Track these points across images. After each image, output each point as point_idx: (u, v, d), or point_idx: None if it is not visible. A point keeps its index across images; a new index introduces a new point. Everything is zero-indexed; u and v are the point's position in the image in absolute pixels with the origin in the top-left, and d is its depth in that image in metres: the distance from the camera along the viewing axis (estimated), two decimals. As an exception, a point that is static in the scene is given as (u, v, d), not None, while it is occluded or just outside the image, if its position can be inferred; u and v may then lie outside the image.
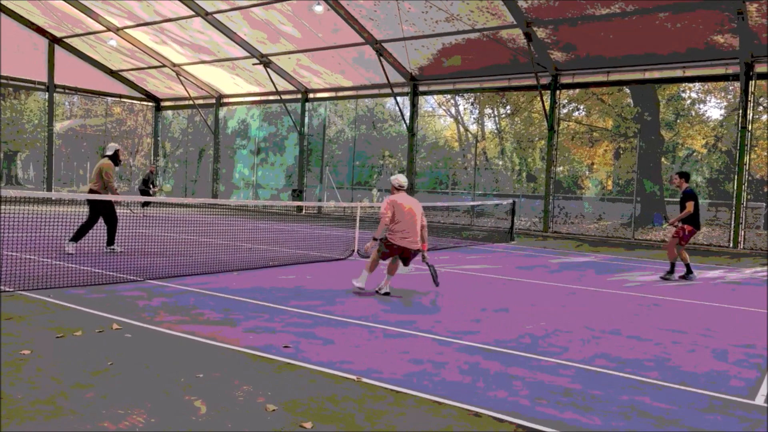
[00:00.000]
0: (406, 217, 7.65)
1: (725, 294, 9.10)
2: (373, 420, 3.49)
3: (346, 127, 29.13)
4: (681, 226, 10.09)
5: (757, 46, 15.46)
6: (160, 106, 31.11)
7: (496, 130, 29.19)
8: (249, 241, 13.17)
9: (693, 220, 10.04)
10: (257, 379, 4.10)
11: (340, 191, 25.91)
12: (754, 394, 4.28)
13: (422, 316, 6.47)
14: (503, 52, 18.68)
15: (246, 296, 7.01)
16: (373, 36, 19.64)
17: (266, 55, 22.71)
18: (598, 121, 24.58)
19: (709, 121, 23.16)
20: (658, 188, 21.88)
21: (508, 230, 17.39)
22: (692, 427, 3.61)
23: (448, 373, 4.43)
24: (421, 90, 22.26)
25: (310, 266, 9.87)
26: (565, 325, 6.37)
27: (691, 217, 10.00)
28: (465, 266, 10.82)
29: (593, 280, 9.92)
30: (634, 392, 4.21)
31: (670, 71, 17.59)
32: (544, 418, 3.63)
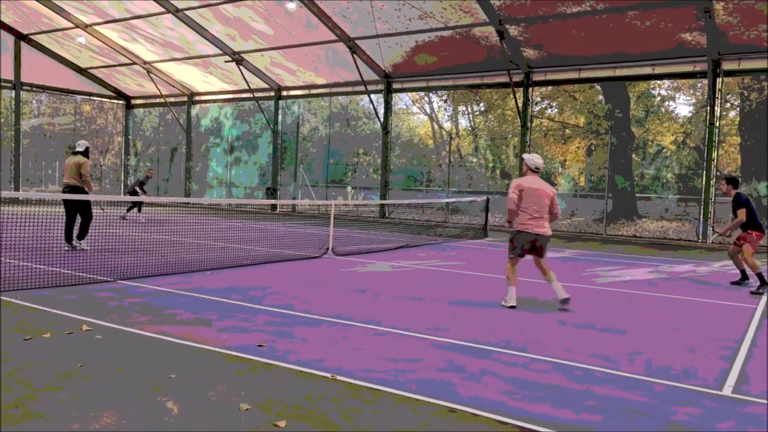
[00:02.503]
0: (533, 200, 6.96)
1: (695, 288, 9.27)
2: (349, 418, 3.47)
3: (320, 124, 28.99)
4: (747, 233, 9.18)
5: (724, 44, 15.78)
6: (130, 104, 30.62)
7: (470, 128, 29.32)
8: (222, 240, 13.04)
9: (753, 224, 9.19)
10: (231, 379, 4.05)
11: (314, 189, 25.80)
12: (722, 385, 4.36)
13: (398, 313, 6.47)
14: (476, 49, 18.77)
15: (220, 296, 6.94)
16: (347, 33, 19.58)
17: (238, 52, 22.50)
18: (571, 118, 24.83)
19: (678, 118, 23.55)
20: (629, 184, 22.18)
21: (483, 227, 17.49)
22: (665, 418, 3.66)
23: (424, 370, 4.43)
24: (394, 88, 22.26)
25: (284, 265, 9.80)
26: (539, 320, 6.42)
27: (750, 223, 9.16)
28: (440, 263, 10.86)
29: (566, 275, 10.02)
30: (608, 386, 4.25)
31: (640, 69, 17.86)
32: (519, 413, 3.65)
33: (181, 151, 29.54)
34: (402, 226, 19.76)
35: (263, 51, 22.18)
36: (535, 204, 6.95)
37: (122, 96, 30.06)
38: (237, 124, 28.26)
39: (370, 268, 9.82)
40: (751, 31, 15.08)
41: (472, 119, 29.40)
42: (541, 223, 7.00)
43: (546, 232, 7.06)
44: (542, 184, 7.10)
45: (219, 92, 27.02)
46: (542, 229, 7.02)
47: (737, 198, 9.34)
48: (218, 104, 28.20)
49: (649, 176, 22.89)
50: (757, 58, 16.00)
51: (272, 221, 20.03)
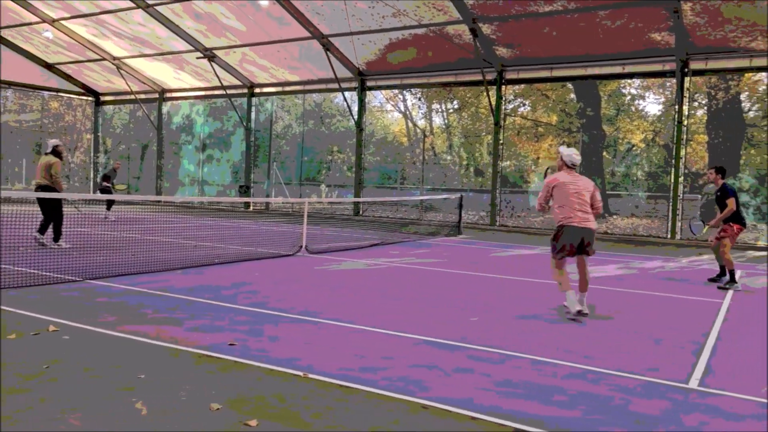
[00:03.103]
0: (571, 194, 6.40)
1: (664, 283, 9.43)
2: (321, 416, 3.46)
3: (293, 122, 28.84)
4: (729, 225, 9.05)
5: (691, 44, 16.07)
6: (99, 101, 30.07)
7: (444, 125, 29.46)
8: (194, 238, 12.89)
9: (738, 218, 9.07)
10: (202, 379, 4.01)
11: (288, 187, 25.65)
12: (689, 378, 4.45)
13: (371, 311, 6.46)
14: (450, 47, 18.83)
15: (191, 295, 6.85)
16: (320, 30, 19.49)
17: (210, 48, 22.24)
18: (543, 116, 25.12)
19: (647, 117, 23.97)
20: (600, 182, 22.50)
21: (456, 224, 17.58)
22: (633, 412, 3.72)
23: (397, 368, 4.43)
24: (368, 85, 22.23)
25: (257, 263, 9.73)
26: (511, 316, 6.47)
27: (735, 215, 9.00)
28: (413, 260, 10.88)
29: (540, 272, 10.13)
30: (579, 380, 4.31)
31: (611, 68, 18.11)
32: (490, 408, 3.67)
33: (152, 149, 29.12)
34: (376, 223, 19.77)
35: (236, 47, 21.97)
36: (575, 197, 6.39)
37: (91, 92, 29.50)
38: (209, 121, 27.96)
39: (344, 266, 9.80)
40: (718, 31, 15.39)
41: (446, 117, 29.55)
42: (587, 217, 6.42)
43: (592, 225, 6.47)
44: (580, 178, 6.54)
45: (191, 89, 26.68)
46: (588, 223, 6.43)
47: (725, 188, 9.13)
48: (190, 101, 27.86)
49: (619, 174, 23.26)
50: (723, 58, 16.33)
51: (245, 219, 19.87)
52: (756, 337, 5.96)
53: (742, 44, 15.65)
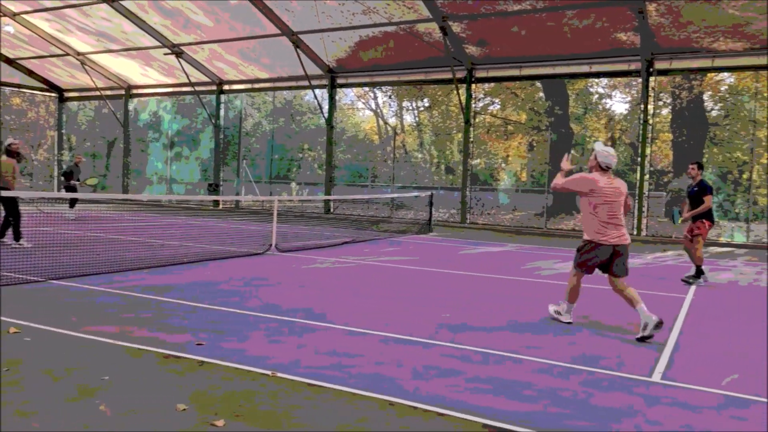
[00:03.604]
0: (607, 202, 5.70)
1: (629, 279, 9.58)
2: (289, 414, 3.44)
3: (263, 119, 28.60)
4: (702, 222, 9.13)
5: (656, 44, 16.38)
6: (63, 97, 29.40)
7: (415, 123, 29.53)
8: (162, 237, 12.70)
9: (710, 214, 9.22)
10: (168, 379, 3.95)
11: (258, 185, 25.44)
12: (652, 372, 4.54)
13: (341, 308, 6.45)
14: (420, 45, 18.88)
15: (158, 294, 6.75)
16: (290, 27, 19.35)
17: (178, 44, 21.92)
18: (513, 115, 25.34)
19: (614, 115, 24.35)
20: (568, 179, 22.78)
21: (427, 222, 17.65)
22: (598, 406, 3.78)
23: (366, 365, 4.43)
24: (339, 83, 22.16)
25: (226, 262, 9.63)
26: (480, 313, 6.52)
27: (708, 212, 9.13)
28: (384, 258, 10.89)
29: (508, 268, 10.23)
30: (545, 376, 4.36)
31: (578, 67, 18.36)
32: (456, 404, 3.70)
33: (119, 146, 28.60)
34: (347, 221, 19.73)
35: (204, 44, 21.68)
36: (611, 207, 5.69)
37: (55, 88, 28.82)
38: (177, 118, 27.55)
39: (314, 264, 9.76)
40: (681, 32, 15.71)
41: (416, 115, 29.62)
42: (622, 231, 5.76)
43: (625, 239, 5.79)
44: (615, 182, 5.83)
45: (158, 85, 26.25)
46: (623, 238, 5.76)
47: (704, 184, 9.19)
48: (157, 98, 27.42)
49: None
50: (687, 59, 16.69)
51: (214, 218, 19.65)
52: (718, 331, 6.11)
53: (704, 45, 16.01)
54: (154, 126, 28.02)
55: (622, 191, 5.82)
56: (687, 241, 9.44)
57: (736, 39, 15.53)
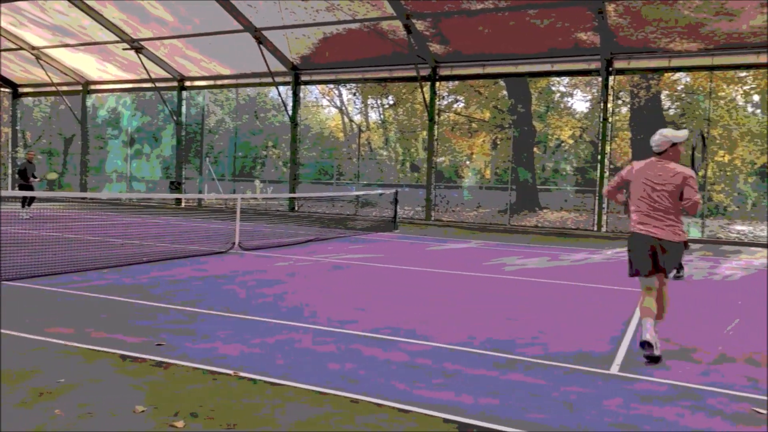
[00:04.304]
0: (638, 190, 5.00)
1: (589, 274, 9.79)
2: (251, 414, 3.40)
3: (226, 116, 28.24)
4: None
5: (616, 44, 16.71)
6: (17, 93, 28.50)
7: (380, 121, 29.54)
8: (122, 236, 12.44)
9: None
10: (126, 381, 3.87)
11: (221, 183, 25.12)
12: (610, 364, 4.63)
13: (304, 306, 6.41)
14: (384, 43, 18.89)
15: (117, 294, 6.61)
16: (252, 23, 19.14)
17: (138, 39, 21.47)
18: (476, 113, 25.55)
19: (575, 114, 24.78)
20: (530, 176, 23.13)
21: (392, 219, 17.68)
22: (558, 399, 3.84)
23: (329, 363, 4.41)
24: (303, 80, 22.02)
25: (188, 260, 9.48)
26: (444, 309, 6.56)
27: None
28: (348, 255, 10.88)
29: (472, 265, 10.32)
30: (507, 370, 4.41)
31: (540, 65, 18.61)
32: (420, 400, 3.71)
33: (77, 143, 27.88)
34: (312, 219, 19.64)
35: (164, 39, 21.29)
36: (645, 191, 4.95)
37: (8, 83, 27.92)
38: (137, 115, 26.99)
39: (278, 262, 9.68)
40: (639, 32, 16.06)
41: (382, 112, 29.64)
42: (653, 221, 4.90)
43: (659, 232, 4.86)
44: (661, 167, 4.94)
45: (117, 81, 25.65)
46: (654, 230, 4.89)
47: None
48: (116, 94, 26.81)
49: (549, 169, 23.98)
50: (644, 58, 17.08)
51: (176, 216, 19.33)
52: (675, 324, 6.26)
53: (661, 45, 16.40)
54: (113, 123, 27.40)
55: (668, 179, 4.85)
56: None
57: (691, 40, 15.95)
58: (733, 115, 20.36)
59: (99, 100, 27.32)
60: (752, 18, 14.66)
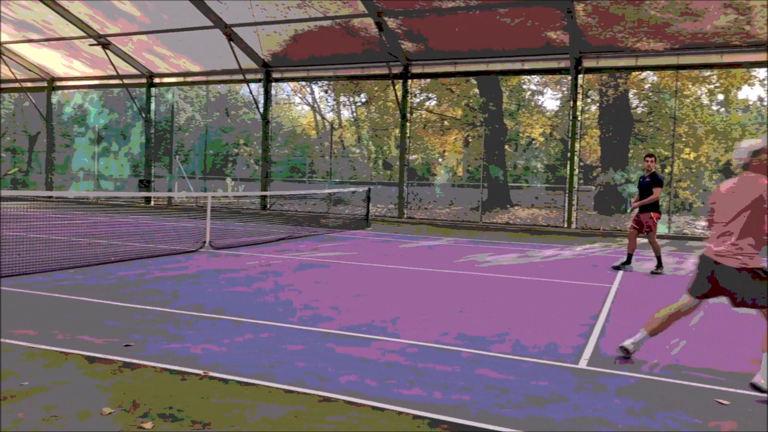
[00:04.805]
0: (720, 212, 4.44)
1: (559, 270, 9.92)
2: (221, 414, 3.38)
3: (197, 114, 27.90)
4: (650, 216, 9.55)
5: (585, 43, 16.94)
6: (-20, 89, 27.79)
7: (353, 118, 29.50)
8: (89, 236, 12.21)
9: (657, 206, 9.70)
10: (93, 382, 3.81)
11: (192, 181, 24.82)
12: (579, 359, 4.71)
13: (276, 305, 6.38)
14: (356, 40, 18.85)
15: (84, 295, 6.49)
16: (222, 19, 18.93)
17: (105, 35, 21.08)
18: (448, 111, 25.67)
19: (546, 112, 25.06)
20: (502, 174, 23.33)
21: (365, 217, 17.68)
22: (527, 393, 3.89)
23: (301, 362, 4.40)
24: (274, 77, 21.87)
25: (157, 260, 9.35)
26: (416, 306, 6.59)
27: (656, 204, 9.63)
28: (321, 254, 10.85)
29: (444, 262, 10.37)
30: (477, 366, 4.45)
31: (511, 64, 18.77)
32: (392, 397, 3.73)
33: (42, 140, 27.26)
34: (284, 217, 19.53)
35: (132, 35, 20.94)
36: (719, 212, 4.46)
37: (-30, 80, 27.20)
38: (104, 112, 26.50)
39: (249, 261, 9.61)
40: (607, 32, 16.31)
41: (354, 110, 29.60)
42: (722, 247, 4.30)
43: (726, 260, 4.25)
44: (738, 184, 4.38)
45: (83, 77, 25.16)
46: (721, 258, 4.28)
47: (656, 176, 9.62)
48: (83, 91, 26.28)
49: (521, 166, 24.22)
50: (612, 57, 17.35)
51: (146, 215, 19.05)
52: (642, 318, 6.38)
53: (628, 44, 16.67)
54: (79, 120, 26.86)
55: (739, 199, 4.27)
56: (633, 230, 9.86)
57: (657, 39, 16.25)
58: (698, 114, 20.81)
59: (65, 97, 26.76)
60: (716, 18, 14.99)
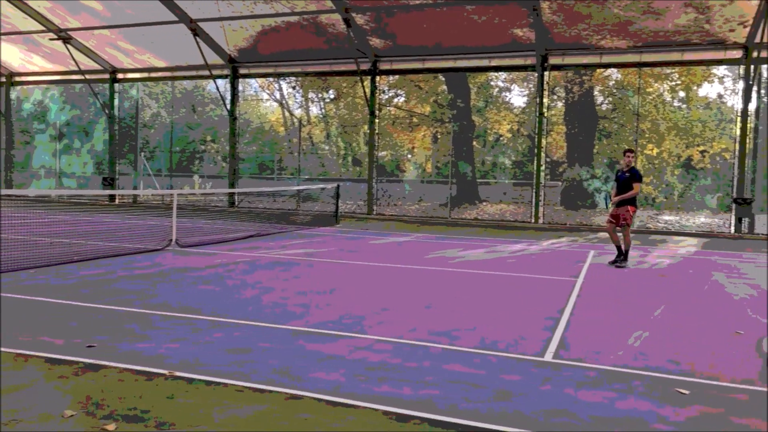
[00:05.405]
0: None
1: (526, 265, 10.04)
2: (187, 414, 3.33)
3: (162, 110, 27.44)
4: (626, 210, 9.79)
5: (550, 41, 17.15)
6: (-66, 84, 26.87)
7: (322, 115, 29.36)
8: (50, 235, 11.93)
9: (635, 200, 9.96)
10: (55, 385, 3.72)
11: (158, 179, 24.41)
12: (545, 352, 4.77)
13: (244, 304, 6.32)
14: (324, 36, 18.77)
15: (45, 295, 6.33)
16: (187, 14, 18.65)
17: (65, 29, 20.58)
18: (417, 107, 25.74)
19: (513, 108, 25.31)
20: (470, 170, 23.50)
21: (334, 214, 17.63)
22: (494, 387, 3.93)
23: (266, 360, 4.37)
24: (241, 73, 21.64)
25: (121, 259, 9.18)
26: (385, 302, 6.60)
27: (633, 198, 9.87)
28: (290, 251, 10.78)
29: (414, 258, 10.41)
30: (446, 361, 4.48)
31: (479, 61, 18.91)
32: (360, 392, 3.73)
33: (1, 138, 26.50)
34: (252, 214, 19.36)
35: (94, 29, 20.48)
36: None
37: (-77, 75, 26.28)
38: (66, 108, 25.88)
39: (217, 259, 9.50)
40: (572, 29, 16.54)
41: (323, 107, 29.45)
42: None
43: None
44: None
45: (43, 73, 24.53)
46: None
47: (635, 171, 9.88)
48: (43, 86, 25.63)
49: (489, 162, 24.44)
50: (578, 54, 17.61)
51: (110, 213, 18.68)
52: (605, 311, 6.51)
53: (593, 42, 16.94)
54: (39, 116, 26.19)
55: None
56: (610, 224, 10.04)
57: (621, 37, 16.54)
58: (660, 110, 21.26)
59: (24, 93, 26.06)
60: (677, 17, 15.33)
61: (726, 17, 15.14)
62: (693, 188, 20.61)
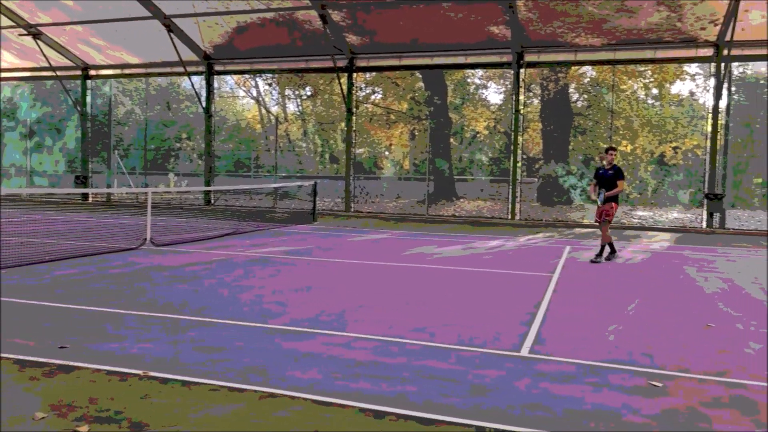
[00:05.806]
0: None
1: (502, 261, 10.11)
2: (161, 414, 3.29)
3: (136, 107, 27.06)
4: (611, 206, 9.99)
5: (526, 38, 17.27)
6: None
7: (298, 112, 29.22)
8: (21, 234, 11.70)
9: (618, 197, 10.20)
10: (25, 387, 3.64)
11: (132, 177, 24.08)
12: (521, 347, 4.81)
13: (219, 302, 6.27)
14: (300, 33, 18.66)
15: (16, 296, 6.21)
16: (161, 10, 18.40)
17: (35, 25, 20.18)
18: (394, 104, 25.75)
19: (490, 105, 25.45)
20: (447, 167, 23.59)
21: (311, 211, 17.56)
22: (471, 382, 3.94)
23: (241, 359, 4.34)
24: (217, 69, 21.43)
25: (95, 258, 9.04)
26: (362, 299, 6.59)
27: (617, 195, 10.11)
28: (267, 249, 10.72)
29: (391, 255, 10.41)
30: (423, 357, 4.49)
31: (455, 58, 18.96)
32: (337, 390, 3.72)
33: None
34: (228, 213, 19.20)
35: (66, 25, 20.12)
36: None
37: None
38: (37, 105, 25.39)
39: (192, 257, 9.41)
40: (548, 27, 16.67)
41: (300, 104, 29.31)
42: None
43: None
44: None
45: (12, 69, 24.02)
46: None
47: (620, 169, 10.05)
48: (12, 83, 25.11)
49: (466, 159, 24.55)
50: (553, 52, 17.76)
51: (83, 212, 18.38)
52: (581, 306, 6.58)
53: (568, 39, 17.10)
54: (9, 114, 25.66)
55: None
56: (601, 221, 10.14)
57: (595, 35, 16.72)
58: (634, 107, 21.56)
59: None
60: (650, 15, 15.53)
61: (697, 16, 15.39)
62: (666, 184, 20.93)
